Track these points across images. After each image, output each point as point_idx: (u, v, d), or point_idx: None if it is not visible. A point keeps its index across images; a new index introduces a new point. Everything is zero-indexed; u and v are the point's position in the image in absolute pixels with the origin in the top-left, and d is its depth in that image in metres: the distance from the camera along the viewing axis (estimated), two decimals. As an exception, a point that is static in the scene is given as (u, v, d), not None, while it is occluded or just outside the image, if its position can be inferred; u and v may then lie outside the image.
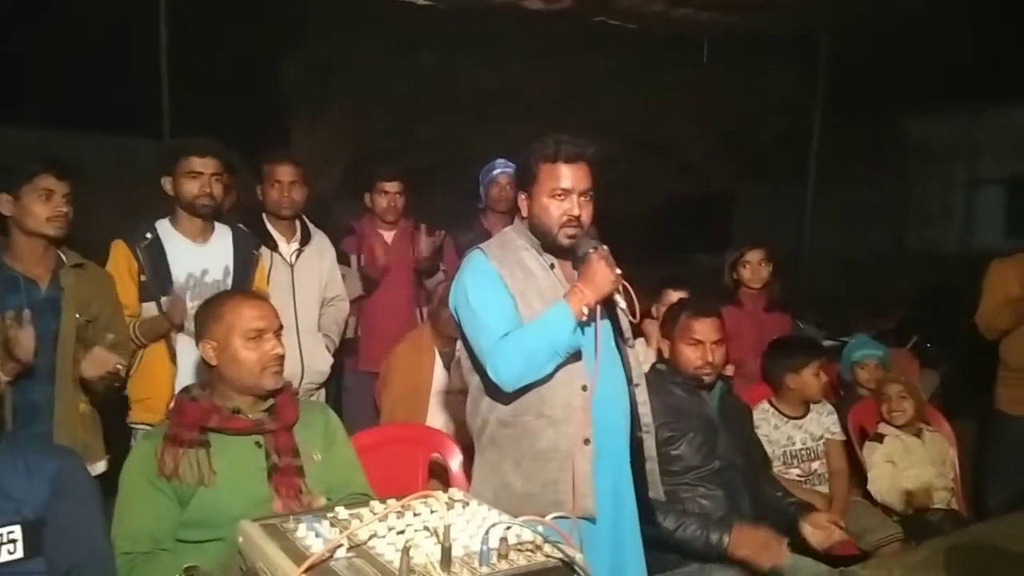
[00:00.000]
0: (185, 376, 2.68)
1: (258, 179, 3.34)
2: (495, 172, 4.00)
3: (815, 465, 3.30)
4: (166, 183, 2.80)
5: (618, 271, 1.99)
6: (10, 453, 1.81)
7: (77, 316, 2.43)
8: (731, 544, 2.28)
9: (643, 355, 2.93)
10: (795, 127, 6.48)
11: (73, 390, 2.44)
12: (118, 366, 2.42)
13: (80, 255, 2.54)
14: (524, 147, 2.13)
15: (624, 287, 2.00)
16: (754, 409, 3.26)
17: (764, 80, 6.68)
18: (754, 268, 3.79)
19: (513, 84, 6.14)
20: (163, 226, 2.82)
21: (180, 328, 2.68)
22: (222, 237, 2.90)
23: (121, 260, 2.74)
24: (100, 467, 2.48)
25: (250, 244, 2.98)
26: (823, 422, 3.32)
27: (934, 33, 5.57)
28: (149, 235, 2.76)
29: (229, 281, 2.83)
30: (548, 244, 2.09)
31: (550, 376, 2.02)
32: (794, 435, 3.28)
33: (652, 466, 2.20)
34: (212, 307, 2.08)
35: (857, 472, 3.34)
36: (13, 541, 1.73)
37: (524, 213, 2.13)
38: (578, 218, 2.05)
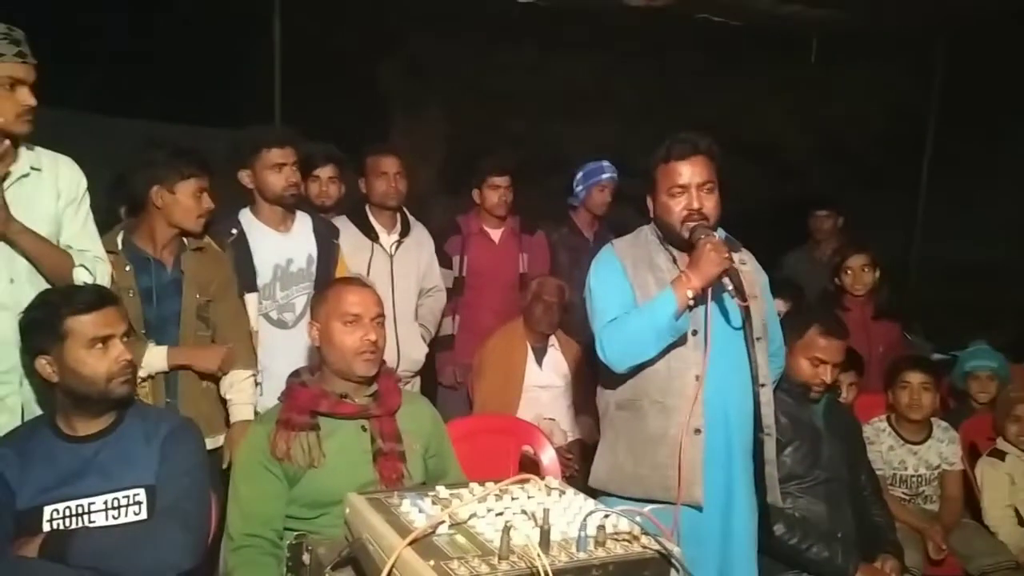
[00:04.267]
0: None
1: (360, 173, 3.42)
2: (603, 176, 3.95)
3: (924, 488, 3.16)
4: (244, 176, 2.80)
5: (727, 256, 1.98)
6: (138, 418, 1.94)
7: (197, 296, 2.55)
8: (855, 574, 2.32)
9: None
10: (907, 131, 6.20)
11: None
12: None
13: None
14: (615, 146, 2.18)
15: (732, 272, 1.99)
16: (868, 423, 3.16)
17: (875, 81, 6.41)
18: (856, 273, 3.65)
19: (609, 82, 6.10)
20: (246, 217, 2.84)
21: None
22: (303, 224, 2.91)
23: None
24: (220, 440, 2.60)
25: (330, 233, 2.97)
26: (942, 452, 3.16)
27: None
28: (235, 230, 2.78)
29: (313, 269, 2.85)
30: (674, 239, 2.14)
31: (666, 362, 2.07)
32: (908, 460, 3.16)
33: (771, 469, 2.19)
34: (323, 289, 2.19)
35: (967, 491, 3.18)
36: (139, 503, 1.86)
37: (651, 215, 2.21)
38: (699, 210, 2.08)
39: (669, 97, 5.79)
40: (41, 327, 1.85)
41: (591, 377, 2.47)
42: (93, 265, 2.23)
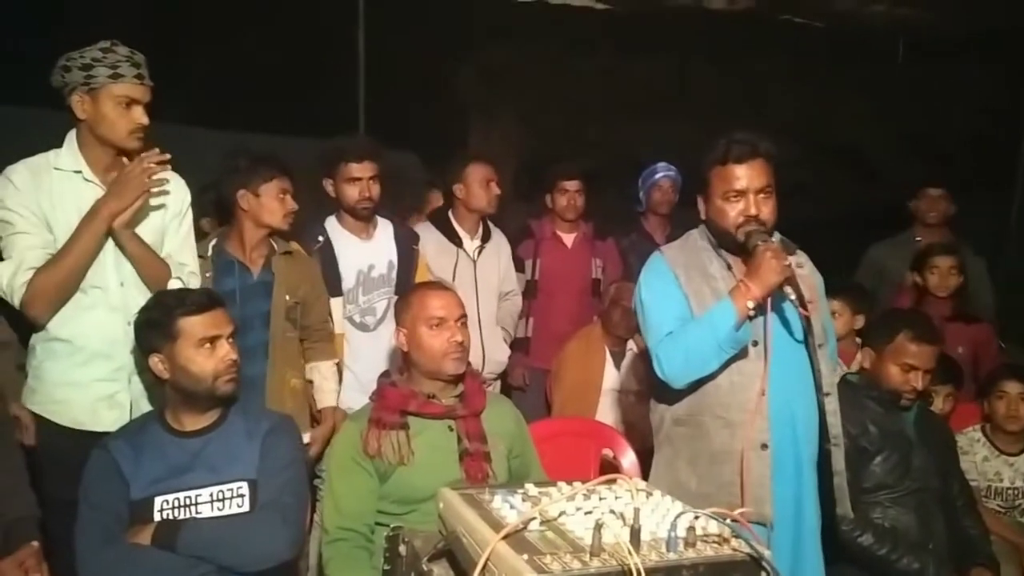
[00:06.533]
0: None
1: (453, 180, 3.44)
2: (657, 176, 4.05)
3: (1020, 501, 3.04)
4: (327, 184, 2.94)
5: (788, 264, 1.90)
6: (241, 415, 2.04)
7: (287, 298, 2.67)
8: None
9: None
10: (999, 131, 5.95)
11: (283, 366, 2.68)
12: None
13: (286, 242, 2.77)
14: (694, 151, 2.12)
15: (793, 280, 1.90)
16: (962, 433, 3.06)
17: (963, 81, 6.17)
18: (943, 275, 3.45)
19: (689, 86, 6.06)
20: (331, 224, 2.98)
21: None
22: (385, 231, 3.03)
23: None
24: (305, 438, 2.68)
25: (411, 239, 3.08)
26: None
27: None
28: (321, 238, 2.92)
29: (394, 275, 2.97)
30: (727, 245, 2.06)
31: (727, 376, 1.99)
32: (1004, 472, 3.04)
33: (840, 480, 2.09)
34: (405, 297, 2.25)
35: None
36: (242, 496, 1.95)
37: (703, 217, 2.12)
38: (756, 217, 1.99)
39: (750, 100, 5.71)
40: (155, 326, 1.97)
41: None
42: (188, 279, 2.35)
